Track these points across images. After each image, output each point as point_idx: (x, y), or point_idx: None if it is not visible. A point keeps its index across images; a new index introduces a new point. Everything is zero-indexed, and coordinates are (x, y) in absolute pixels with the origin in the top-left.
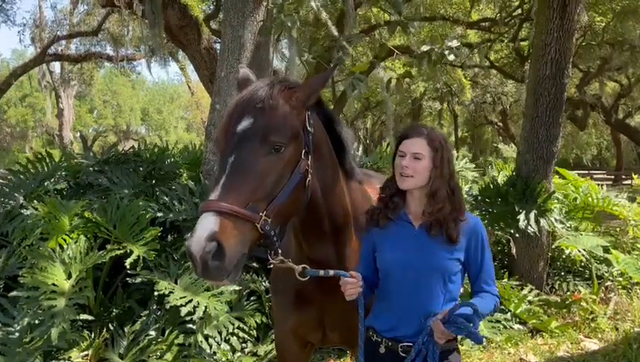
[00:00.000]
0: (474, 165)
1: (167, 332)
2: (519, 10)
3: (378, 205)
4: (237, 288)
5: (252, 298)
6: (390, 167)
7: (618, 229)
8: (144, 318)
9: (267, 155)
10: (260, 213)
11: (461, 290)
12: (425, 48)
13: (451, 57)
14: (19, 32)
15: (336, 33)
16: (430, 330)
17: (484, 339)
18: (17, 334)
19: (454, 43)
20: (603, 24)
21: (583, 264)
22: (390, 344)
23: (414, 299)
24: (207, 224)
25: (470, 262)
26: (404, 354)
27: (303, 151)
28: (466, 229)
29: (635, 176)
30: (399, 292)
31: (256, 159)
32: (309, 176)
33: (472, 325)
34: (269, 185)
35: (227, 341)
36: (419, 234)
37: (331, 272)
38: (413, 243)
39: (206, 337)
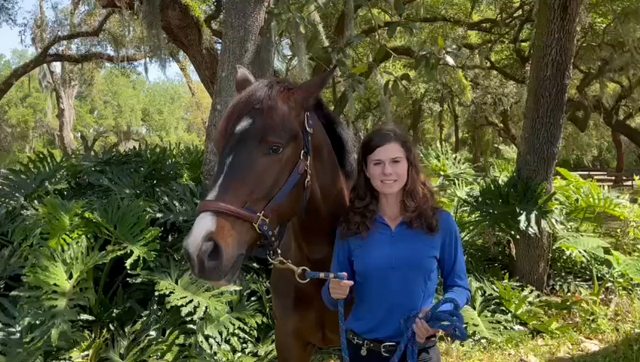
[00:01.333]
0: (472, 170)
1: (167, 332)
2: (520, 12)
3: (355, 217)
4: (237, 288)
5: (252, 298)
6: (360, 176)
7: (619, 230)
8: (145, 318)
9: (265, 156)
10: (258, 213)
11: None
12: (423, 53)
13: (450, 62)
14: (20, 32)
15: (327, 43)
16: (412, 334)
17: (467, 334)
18: (18, 334)
19: (451, 49)
20: (604, 25)
21: (583, 265)
22: (372, 345)
23: (395, 300)
24: (204, 224)
25: (445, 257)
26: (386, 354)
27: (302, 152)
28: (440, 225)
29: (636, 178)
30: (380, 294)
31: (254, 159)
32: (308, 176)
33: (456, 319)
34: (266, 186)
35: (227, 341)
36: (396, 235)
37: (331, 275)
38: (392, 245)
39: (206, 337)
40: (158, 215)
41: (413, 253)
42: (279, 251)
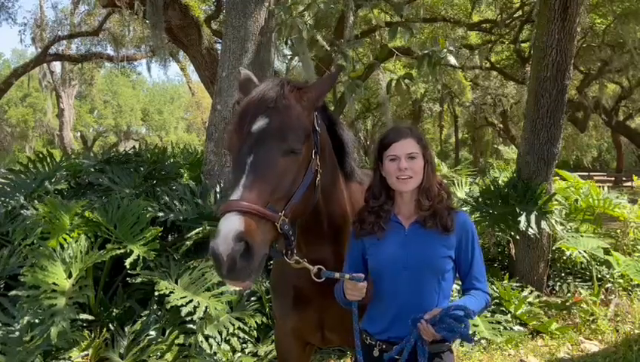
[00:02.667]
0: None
1: (167, 332)
2: (520, 12)
3: (369, 217)
4: (237, 288)
5: (252, 298)
6: (376, 175)
7: (618, 231)
8: (144, 318)
9: (285, 155)
10: (280, 213)
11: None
12: (425, 51)
13: (452, 61)
14: (20, 31)
15: (327, 48)
16: (419, 333)
17: (473, 340)
18: (17, 333)
19: (452, 48)
20: (604, 26)
21: (583, 266)
22: (384, 346)
23: (409, 300)
24: (232, 224)
25: (461, 258)
26: (397, 356)
27: (313, 151)
28: (456, 226)
29: (635, 178)
30: (393, 295)
31: (275, 159)
32: (319, 175)
33: (462, 326)
34: (286, 185)
35: (227, 341)
36: (410, 234)
37: (347, 276)
38: (405, 244)
39: (206, 337)
40: (159, 214)
41: (426, 252)
42: (295, 250)
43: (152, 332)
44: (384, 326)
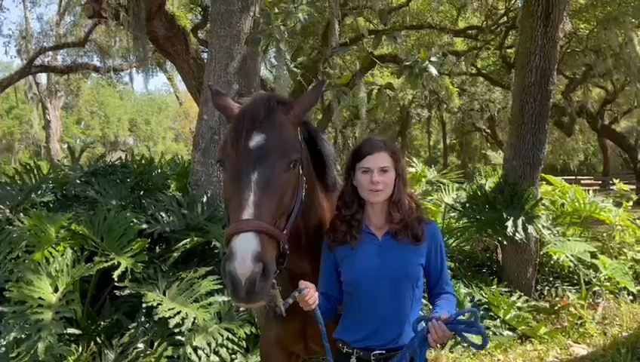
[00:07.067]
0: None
1: (155, 344)
2: (505, 18)
3: (341, 226)
4: (226, 299)
5: (241, 308)
6: (348, 184)
7: (605, 234)
8: (132, 331)
9: (286, 170)
10: (285, 231)
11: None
12: (407, 63)
13: (433, 72)
14: (5, 43)
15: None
16: (423, 335)
17: (488, 340)
18: (3, 349)
19: (434, 58)
20: (587, 31)
21: (570, 269)
22: (362, 354)
23: (387, 308)
24: (250, 244)
25: (431, 265)
26: None
27: (300, 165)
28: (426, 235)
29: (616, 181)
30: (370, 304)
31: (278, 175)
32: (304, 190)
33: (475, 329)
34: (287, 201)
35: (216, 352)
36: (383, 244)
37: (296, 293)
38: (379, 254)
39: (195, 349)
40: (145, 226)
41: (402, 261)
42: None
43: (141, 345)
44: (363, 334)
